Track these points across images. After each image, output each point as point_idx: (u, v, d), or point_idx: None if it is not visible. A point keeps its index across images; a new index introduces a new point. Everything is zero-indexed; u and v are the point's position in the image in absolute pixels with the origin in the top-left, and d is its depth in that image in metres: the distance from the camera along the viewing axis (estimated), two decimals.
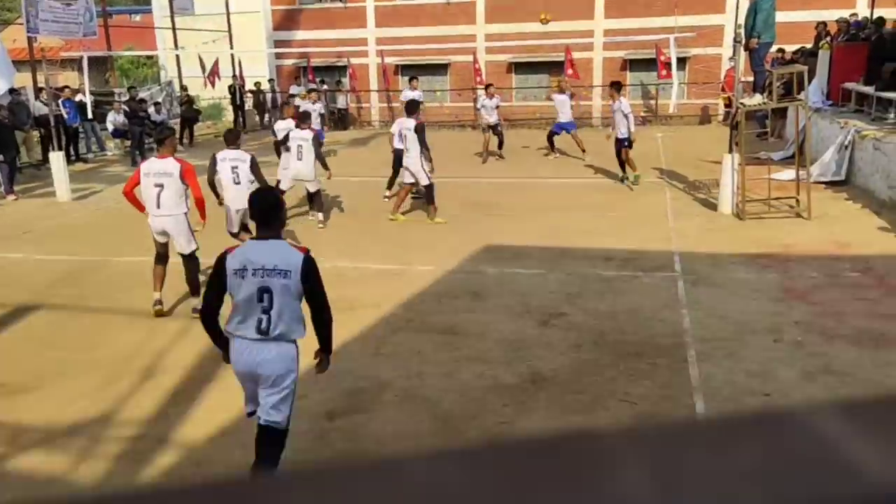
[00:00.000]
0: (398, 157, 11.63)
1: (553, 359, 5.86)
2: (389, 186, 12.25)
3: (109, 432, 5.08)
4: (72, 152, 17.47)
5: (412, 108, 10.71)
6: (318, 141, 10.56)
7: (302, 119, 10.82)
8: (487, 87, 17.20)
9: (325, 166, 10.43)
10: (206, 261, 8.13)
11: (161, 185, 6.82)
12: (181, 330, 6.86)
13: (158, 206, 6.87)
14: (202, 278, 7.37)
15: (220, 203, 8.43)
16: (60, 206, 12.84)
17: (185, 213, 6.99)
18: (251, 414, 4.13)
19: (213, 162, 8.41)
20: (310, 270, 3.91)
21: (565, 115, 15.60)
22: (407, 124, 10.41)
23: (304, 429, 4.98)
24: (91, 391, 5.67)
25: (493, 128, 16.47)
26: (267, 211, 4.02)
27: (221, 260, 3.92)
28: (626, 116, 12.19)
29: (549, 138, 16.16)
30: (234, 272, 3.84)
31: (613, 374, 5.53)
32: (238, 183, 8.24)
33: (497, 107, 16.40)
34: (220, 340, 4.09)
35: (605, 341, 6.18)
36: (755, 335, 6.14)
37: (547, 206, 11.33)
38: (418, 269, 8.29)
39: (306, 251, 3.99)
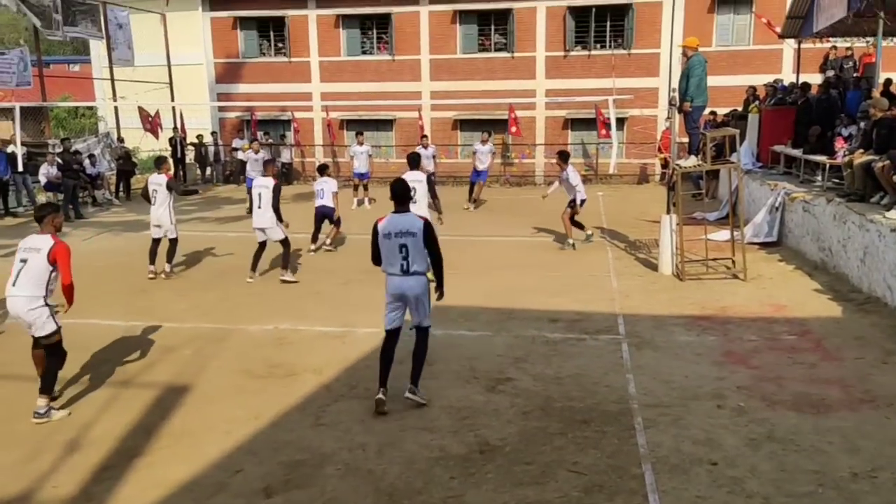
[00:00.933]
0: (321, 213, 12.51)
1: (501, 427, 5.75)
2: (314, 240, 12.67)
3: None
4: (1, 206, 16.81)
5: (417, 160, 10.80)
6: (277, 190, 10.61)
7: (265, 166, 11.21)
8: (423, 137, 18.82)
9: (279, 217, 10.64)
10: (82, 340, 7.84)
11: (25, 260, 6.08)
12: (108, 399, 6.51)
13: (14, 284, 6.05)
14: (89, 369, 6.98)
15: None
16: None
17: (44, 299, 6.09)
18: (389, 329, 6.13)
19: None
20: (428, 231, 5.93)
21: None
22: (417, 176, 10.34)
23: None
24: (10, 466, 5.31)
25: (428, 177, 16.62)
26: (402, 193, 6.07)
27: (375, 227, 6.00)
28: (573, 186, 12.42)
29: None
30: (384, 235, 5.90)
31: (562, 443, 5.44)
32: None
33: (434, 156, 17.39)
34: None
35: (552, 408, 6.11)
36: (699, 401, 6.16)
37: (492, 266, 11.36)
38: (362, 331, 8.12)
39: (425, 220, 6.02)
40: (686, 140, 11.60)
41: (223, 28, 25.72)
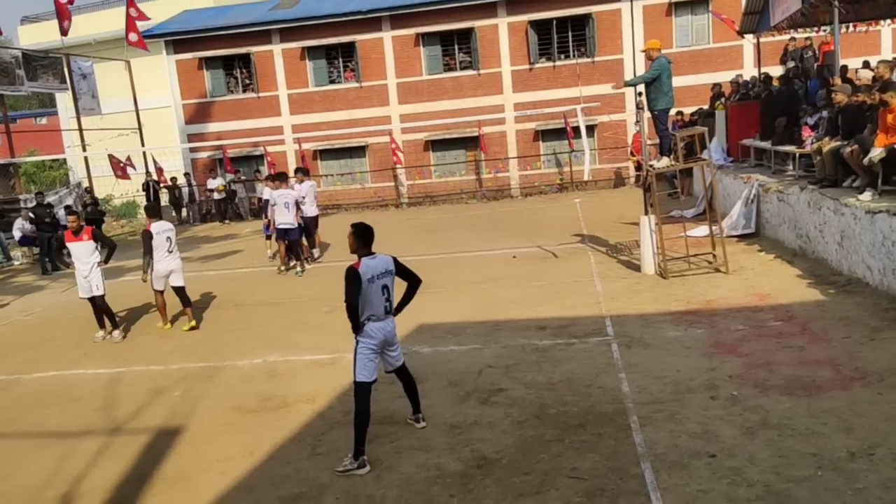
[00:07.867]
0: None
1: (497, 439, 5.71)
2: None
3: None
4: None
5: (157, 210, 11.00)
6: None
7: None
8: (277, 175, 14.67)
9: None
10: None
11: None
12: (99, 449, 6.39)
13: None
14: None
15: None
16: None
17: None
18: (374, 380, 5.80)
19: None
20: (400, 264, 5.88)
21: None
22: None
23: None
24: None
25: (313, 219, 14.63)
26: (370, 236, 5.79)
27: (356, 273, 5.51)
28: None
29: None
30: (368, 280, 5.54)
31: (559, 450, 5.40)
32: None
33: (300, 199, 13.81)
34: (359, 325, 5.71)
35: (547, 415, 6.08)
36: (692, 394, 6.16)
37: (476, 280, 11.35)
38: (350, 356, 8.03)
39: (393, 257, 5.88)
40: (657, 142, 11.73)
41: (189, 69, 25.73)
